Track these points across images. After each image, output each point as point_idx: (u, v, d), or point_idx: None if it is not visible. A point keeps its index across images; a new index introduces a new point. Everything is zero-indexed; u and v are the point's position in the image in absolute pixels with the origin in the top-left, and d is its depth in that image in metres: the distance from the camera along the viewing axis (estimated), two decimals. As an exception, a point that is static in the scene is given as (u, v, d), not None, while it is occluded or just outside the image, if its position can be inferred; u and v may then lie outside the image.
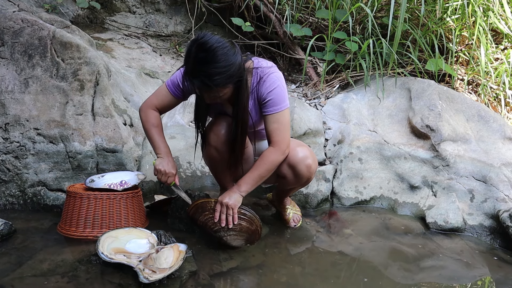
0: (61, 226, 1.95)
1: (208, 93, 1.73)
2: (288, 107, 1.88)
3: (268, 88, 1.84)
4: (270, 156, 1.89)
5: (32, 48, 2.32)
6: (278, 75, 1.87)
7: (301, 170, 1.97)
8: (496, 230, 2.37)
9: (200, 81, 1.65)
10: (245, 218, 1.87)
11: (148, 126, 2.01)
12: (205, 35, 1.64)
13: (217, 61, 1.63)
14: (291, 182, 2.05)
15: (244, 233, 1.88)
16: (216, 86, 1.66)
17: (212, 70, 1.63)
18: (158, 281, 1.54)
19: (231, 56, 1.66)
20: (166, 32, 4.14)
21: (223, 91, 1.72)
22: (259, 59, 1.91)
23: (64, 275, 1.57)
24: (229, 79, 1.69)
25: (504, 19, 3.58)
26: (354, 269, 1.96)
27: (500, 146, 2.77)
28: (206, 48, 1.61)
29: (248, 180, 1.90)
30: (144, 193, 2.44)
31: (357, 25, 3.64)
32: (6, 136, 2.18)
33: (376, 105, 3.14)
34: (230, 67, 1.66)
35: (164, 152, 1.98)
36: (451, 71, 3.34)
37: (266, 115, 1.88)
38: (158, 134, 2.01)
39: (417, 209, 2.62)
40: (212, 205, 1.87)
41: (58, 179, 2.22)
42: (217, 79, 1.64)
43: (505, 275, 2.00)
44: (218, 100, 1.79)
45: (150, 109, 2.02)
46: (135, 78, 3.10)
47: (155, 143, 2.00)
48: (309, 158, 1.97)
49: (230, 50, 1.66)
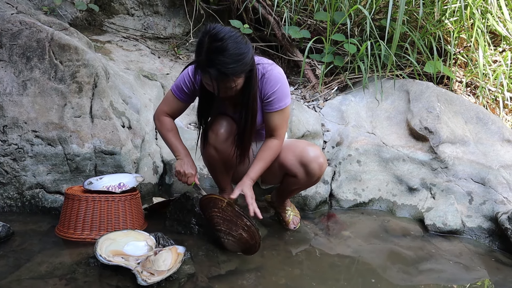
0: (59, 228, 1.94)
1: (224, 83, 1.72)
2: (290, 102, 1.94)
3: (272, 87, 1.88)
4: (274, 147, 1.98)
5: (30, 50, 2.32)
6: (280, 71, 1.92)
7: (314, 169, 2.00)
8: (495, 232, 2.37)
9: (216, 69, 1.65)
10: (248, 231, 1.84)
11: (164, 131, 2.08)
12: (216, 26, 1.66)
13: (232, 49, 1.64)
14: (301, 181, 2.07)
15: (242, 244, 1.87)
16: (233, 74, 1.67)
17: (228, 58, 1.64)
18: (156, 283, 1.53)
19: (244, 45, 1.68)
20: (165, 35, 4.14)
21: (237, 81, 1.73)
22: (259, 56, 1.94)
23: (62, 278, 1.56)
24: (244, 68, 1.70)
25: (502, 22, 3.59)
26: (352, 272, 1.96)
27: (498, 148, 2.77)
28: (220, 38, 1.62)
29: (256, 170, 1.96)
30: (143, 195, 2.44)
31: (356, 27, 3.65)
32: (4, 139, 2.17)
33: (374, 107, 3.14)
34: (244, 55, 1.68)
35: (182, 154, 2.05)
36: (449, 73, 3.35)
37: (270, 112, 1.92)
38: (175, 137, 2.07)
39: (415, 211, 2.62)
40: (224, 205, 1.85)
41: (56, 181, 2.21)
42: (234, 67, 1.66)
43: (504, 277, 2.00)
44: (230, 92, 1.78)
45: (162, 116, 2.07)
46: (134, 80, 3.09)
47: (173, 146, 2.07)
48: (321, 157, 2.01)
49: (242, 39, 1.69)
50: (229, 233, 1.86)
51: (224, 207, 1.85)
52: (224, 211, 1.85)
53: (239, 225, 1.83)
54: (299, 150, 2.01)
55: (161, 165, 2.71)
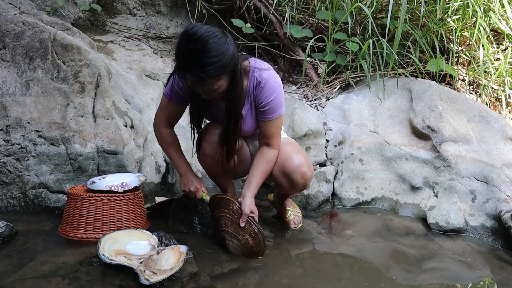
0: (62, 228, 1.95)
1: (202, 87, 1.65)
2: (284, 111, 1.90)
3: (268, 97, 1.81)
4: (270, 157, 1.92)
5: (33, 50, 2.32)
6: (277, 81, 1.84)
7: (296, 179, 1.97)
8: (498, 231, 2.37)
9: (192, 74, 1.57)
10: (255, 238, 1.83)
11: (164, 146, 2.05)
12: (194, 26, 1.56)
13: (208, 51, 1.54)
14: (287, 190, 2.07)
15: (246, 249, 1.85)
16: (209, 77, 1.58)
17: (203, 60, 1.55)
18: (159, 282, 1.53)
19: (223, 45, 1.58)
20: (167, 34, 4.14)
21: (217, 83, 1.64)
22: (256, 59, 1.87)
23: (65, 277, 1.57)
24: (222, 70, 1.61)
25: (505, 19, 3.57)
26: (355, 271, 1.96)
27: (501, 146, 2.76)
28: (195, 39, 1.53)
29: (257, 185, 1.91)
30: (145, 194, 2.44)
31: (358, 26, 3.64)
32: (8, 138, 2.18)
33: (377, 106, 3.13)
34: (223, 56, 1.58)
35: (184, 170, 2.01)
36: (452, 71, 3.33)
37: (264, 121, 1.87)
38: (175, 152, 2.03)
39: (418, 210, 2.62)
40: (235, 207, 1.84)
41: (59, 181, 2.22)
42: (209, 70, 1.56)
43: (507, 276, 1.99)
44: (214, 94, 1.71)
45: (161, 128, 2.01)
46: (136, 80, 3.10)
47: (174, 162, 2.04)
48: (304, 166, 1.95)
49: (221, 39, 1.58)
50: (235, 236, 1.85)
51: (235, 210, 1.85)
52: (234, 214, 1.85)
53: (247, 230, 1.83)
54: (282, 159, 1.95)
55: (163, 165, 2.71)
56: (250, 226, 1.83)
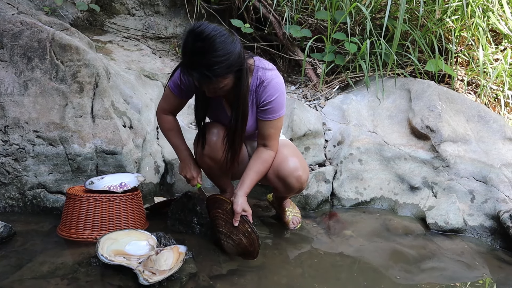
0: (61, 228, 1.95)
1: (208, 85, 1.66)
2: (284, 113, 1.90)
3: (270, 96, 1.81)
4: (266, 158, 1.92)
5: (31, 50, 2.32)
6: (280, 81, 1.84)
7: (291, 182, 1.96)
8: (497, 231, 2.37)
9: (199, 72, 1.57)
10: (248, 238, 1.82)
11: (164, 131, 2.06)
12: (201, 24, 1.56)
13: (215, 50, 1.54)
14: (283, 192, 2.07)
15: (240, 249, 1.85)
16: (216, 76, 1.59)
17: (211, 60, 1.55)
18: (158, 283, 1.53)
19: (230, 44, 1.58)
20: (166, 34, 4.14)
21: (223, 82, 1.65)
22: (261, 59, 1.88)
23: (64, 278, 1.57)
24: (229, 69, 1.61)
25: (504, 20, 3.58)
26: (354, 271, 1.96)
27: (500, 146, 2.76)
28: (203, 38, 1.53)
29: (250, 185, 1.90)
30: (144, 195, 2.44)
31: (357, 26, 3.64)
32: (6, 139, 2.18)
33: (376, 106, 3.14)
34: (230, 55, 1.58)
35: (184, 156, 2.03)
36: (451, 71, 3.34)
37: (264, 121, 1.87)
38: (176, 136, 2.04)
39: (417, 210, 2.62)
40: (228, 207, 1.84)
41: (58, 181, 2.21)
42: (216, 69, 1.57)
43: (506, 276, 1.99)
44: (219, 92, 1.72)
45: (162, 114, 2.03)
46: (135, 80, 3.10)
47: (174, 147, 2.06)
48: (299, 170, 1.95)
49: (228, 38, 1.58)
50: (229, 236, 1.85)
51: (229, 210, 1.84)
52: (228, 214, 1.84)
53: (240, 230, 1.82)
54: (277, 162, 1.95)
55: (162, 165, 2.71)
56: (243, 226, 1.82)
